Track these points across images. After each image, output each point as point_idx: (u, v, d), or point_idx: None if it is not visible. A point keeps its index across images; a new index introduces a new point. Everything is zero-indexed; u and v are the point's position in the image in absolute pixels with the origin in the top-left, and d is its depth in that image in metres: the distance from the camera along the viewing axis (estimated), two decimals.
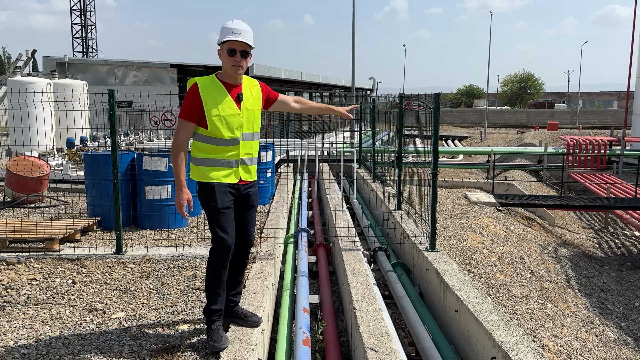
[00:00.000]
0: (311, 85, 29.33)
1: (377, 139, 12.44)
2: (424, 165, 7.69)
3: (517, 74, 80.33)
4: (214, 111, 3.32)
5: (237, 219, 3.55)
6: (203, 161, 3.40)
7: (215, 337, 3.36)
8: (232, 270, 3.58)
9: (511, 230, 8.84)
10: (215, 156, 3.39)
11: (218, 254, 3.40)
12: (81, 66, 20.74)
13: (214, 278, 3.43)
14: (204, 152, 3.40)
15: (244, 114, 3.43)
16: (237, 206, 3.54)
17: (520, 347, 3.49)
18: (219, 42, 3.38)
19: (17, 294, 4.43)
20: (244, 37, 3.34)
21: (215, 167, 3.40)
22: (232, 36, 3.31)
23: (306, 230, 7.15)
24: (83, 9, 46.55)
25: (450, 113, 60.42)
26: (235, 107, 3.38)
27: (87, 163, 6.89)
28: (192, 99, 3.33)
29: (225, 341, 3.37)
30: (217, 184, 3.39)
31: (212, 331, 3.39)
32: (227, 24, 3.37)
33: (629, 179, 16.27)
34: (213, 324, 3.42)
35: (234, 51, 3.33)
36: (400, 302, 4.97)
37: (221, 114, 3.33)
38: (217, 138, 3.36)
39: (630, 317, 7.17)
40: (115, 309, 4.14)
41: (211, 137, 3.36)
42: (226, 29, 3.35)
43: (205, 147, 3.39)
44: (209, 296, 3.46)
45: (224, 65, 3.40)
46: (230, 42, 3.33)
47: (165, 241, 6.05)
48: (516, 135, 36.69)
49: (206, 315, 3.47)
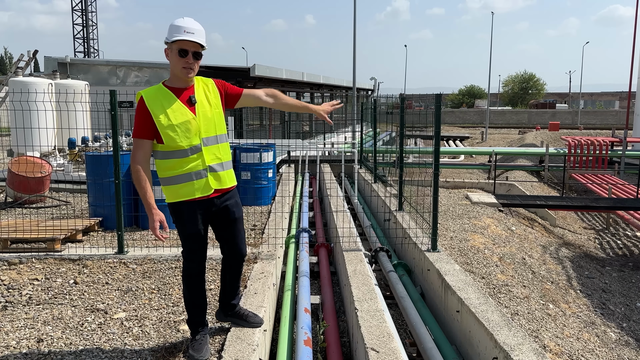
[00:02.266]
0: (312, 86, 29.31)
1: (379, 139, 12.44)
2: (425, 165, 7.70)
3: (519, 74, 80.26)
4: (165, 121, 3.05)
5: (221, 235, 3.39)
6: (170, 180, 3.16)
7: (196, 347, 3.30)
8: (229, 278, 3.51)
9: (512, 231, 8.83)
10: (180, 171, 3.12)
11: (189, 271, 3.35)
12: (83, 66, 20.76)
13: (189, 294, 3.39)
14: (167, 170, 3.15)
15: (200, 117, 3.14)
16: (217, 222, 3.33)
17: (522, 347, 3.49)
18: (167, 40, 3.08)
19: (19, 294, 4.44)
20: (197, 37, 3.07)
21: (184, 182, 3.14)
22: (184, 35, 3.02)
23: (307, 230, 7.14)
24: (84, 9, 46.62)
25: (451, 113, 60.37)
26: (188, 112, 3.11)
27: (88, 163, 6.89)
28: (140, 113, 3.07)
29: (206, 353, 3.29)
30: (186, 204, 3.15)
31: (195, 341, 3.35)
32: (178, 22, 3.06)
33: (630, 180, 16.25)
34: (197, 335, 3.38)
35: (185, 52, 3.05)
36: (402, 302, 4.97)
37: (173, 122, 3.06)
38: (176, 150, 3.10)
39: (632, 317, 7.16)
40: (116, 309, 4.15)
41: (170, 150, 3.10)
42: (177, 27, 3.04)
43: (167, 163, 3.14)
44: (190, 310, 3.40)
45: (172, 68, 3.13)
46: (182, 42, 3.04)
47: (167, 241, 6.05)
48: (517, 135, 36.65)
49: (190, 327, 3.44)
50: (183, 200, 3.17)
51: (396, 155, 10.58)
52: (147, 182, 3.13)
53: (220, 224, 3.35)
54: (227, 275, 3.51)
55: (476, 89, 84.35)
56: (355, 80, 21.58)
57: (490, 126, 44.09)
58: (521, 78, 79.60)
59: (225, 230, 3.38)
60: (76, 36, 46.63)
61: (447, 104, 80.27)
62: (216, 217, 3.30)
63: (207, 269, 4.99)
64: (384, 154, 13.44)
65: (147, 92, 3.14)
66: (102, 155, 6.97)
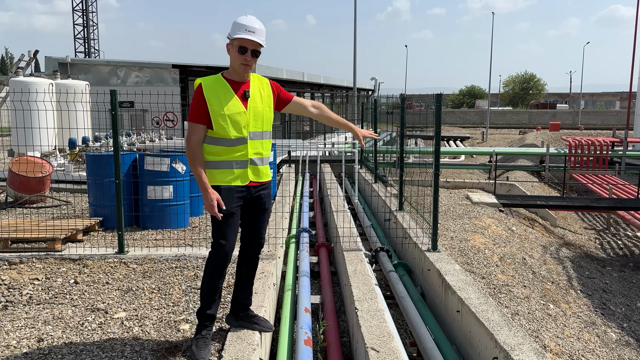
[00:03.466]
0: (313, 86, 29.31)
1: (379, 139, 12.44)
2: (425, 165, 7.69)
3: (520, 75, 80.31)
4: (218, 110, 3.20)
5: (248, 221, 3.48)
6: (212, 164, 3.29)
7: (200, 345, 3.30)
8: (245, 271, 3.57)
9: (513, 231, 8.83)
10: (223, 158, 3.28)
11: (215, 260, 3.37)
12: (83, 67, 20.77)
13: (210, 284, 3.39)
14: (212, 155, 3.29)
15: (251, 112, 3.29)
16: (247, 209, 3.44)
17: (522, 347, 3.48)
18: (230, 37, 3.22)
19: (19, 294, 4.44)
20: (257, 37, 3.21)
21: (224, 169, 3.29)
22: (246, 34, 3.17)
23: (308, 230, 7.15)
24: (85, 9, 46.62)
25: (452, 113, 60.37)
26: (240, 105, 3.25)
27: (89, 163, 6.90)
28: (197, 100, 3.22)
29: (207, 354, 3.28)
30: (225, 187, 3.28)
31: (201, 337, 3.34)
32: (241, 20, 3.21)
33: (631, 180, 16.24)
34: (203, 330, 3.38)
35: (245, 49, 3.19)
36: (402, 302, 4.97)
37: (225, 112, 3.21)
38: (223, 138, 3.25)
39: (633, 318, 7.15)
40: (117, 308, 4.15)
41: (218, 137, 3.25)
42: (239, 24, 3.19)
43: (213, 149, 3.28)
44: (204, 301, 3.41)
45: (232, 62, 3.27)
46: (243, 40, 3.18)
47: (167, 241, 6.06)
48: (518, 135, 36.65)
49: (199, 318, 3.43)
50: (220, 185, 3.29)
51: (396, 155, 10.58)
52: (201, 164, 3.26)
53: (250, 211, 3.46)
54: (244, 267, 3.57)
55: (477, 89, 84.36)
56: (355, 80, 21.58)
57: (491, 126, 44.06)
58: (522, 78, 79.62)
59: (252, 218, 3.49)
60: (77, 36, 46.63)
61: (448, 104, 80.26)
62: (248, 204, 3.43)
63: None
64: (384, 154, 13.44)
65: (206, 81, 3.27)
66: (103, 155, 6.97)
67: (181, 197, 6.86)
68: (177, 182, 6.80)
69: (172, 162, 6.73)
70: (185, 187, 6.93)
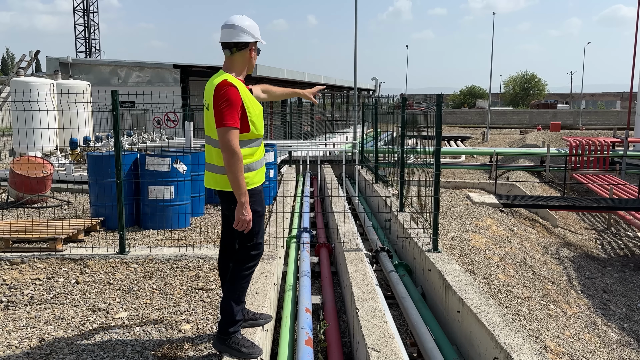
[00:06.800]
0: (313, 86, 29.32)
1: (380, 139, 12.45)
2: (426, 165, 7.70)
3: (520, 75, 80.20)
4: (252, 110, 3.17)
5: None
6: (250, 166, 3.21)
7: (248, 343, 3.24)
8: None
9: (514, 231, 8.83)
10: (257, 157, 3.28)
11: (256, 259, 3.33)
12: (84, 67, 20.78)
13: (245, 287, 3.31)
14: (249, 157, 3.19)
15: None
16: None
17: (523, 347, 3.49)
18: (256, 39, 3.22)
19: (20, 294, 4.45)
20: None
21: (259, 169, 3.29)
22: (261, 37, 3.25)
23: (308, 230, 7.15)
24: (86, 9, 46.65)
25: (452, 113, 60.31)
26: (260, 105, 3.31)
27: (90, 163, 6.91)
28: (235, 104, 3.05)
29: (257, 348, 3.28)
30: (258, 188, 3.28)
31: (243, 338, 3.27)
32: (252, 21, 3.22)
33: (631, 180, 16.23)
34: (239, 332, 3.29)
35: (259, 51, 3.30)
36: (403, 302, 4.97)
37: (258, 112, 3.23)
38: (257, 139, 3.24)
39: (633, 318, 7.16)
40: (118, 308, 4.16)
41: (251, 139, 3.20)
42: (257, 26, 3.22)
43: (249, 151, 3.19)
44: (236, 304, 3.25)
45: (248, 63, 3.26)
46: (259, 43, 3.27)
47: (168, 241, 6.07)
48: (519, 135, 36.64)
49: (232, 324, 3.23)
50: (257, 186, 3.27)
51: (397, 156, 10.59)
52: None
53: None
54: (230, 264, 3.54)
55: (477, 89, 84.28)
56: (356, 80, 21.58)
57: (492, 126, 44.03)
58: (522, 78, 79.53)
59: None
60: (78, 36, 46.66)
61: (449, 104, 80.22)
62: None
63: (209, 269, 5.01)
64: (385, 154, 13.44)
65: (236, 82, 3.13)
66: (104, 155, 6.98)
67: (182, 197, 6.87)
68: (178, 182, 6.81)
69: (173, 162, 6.74)
70: (186, 187, 6.93)
